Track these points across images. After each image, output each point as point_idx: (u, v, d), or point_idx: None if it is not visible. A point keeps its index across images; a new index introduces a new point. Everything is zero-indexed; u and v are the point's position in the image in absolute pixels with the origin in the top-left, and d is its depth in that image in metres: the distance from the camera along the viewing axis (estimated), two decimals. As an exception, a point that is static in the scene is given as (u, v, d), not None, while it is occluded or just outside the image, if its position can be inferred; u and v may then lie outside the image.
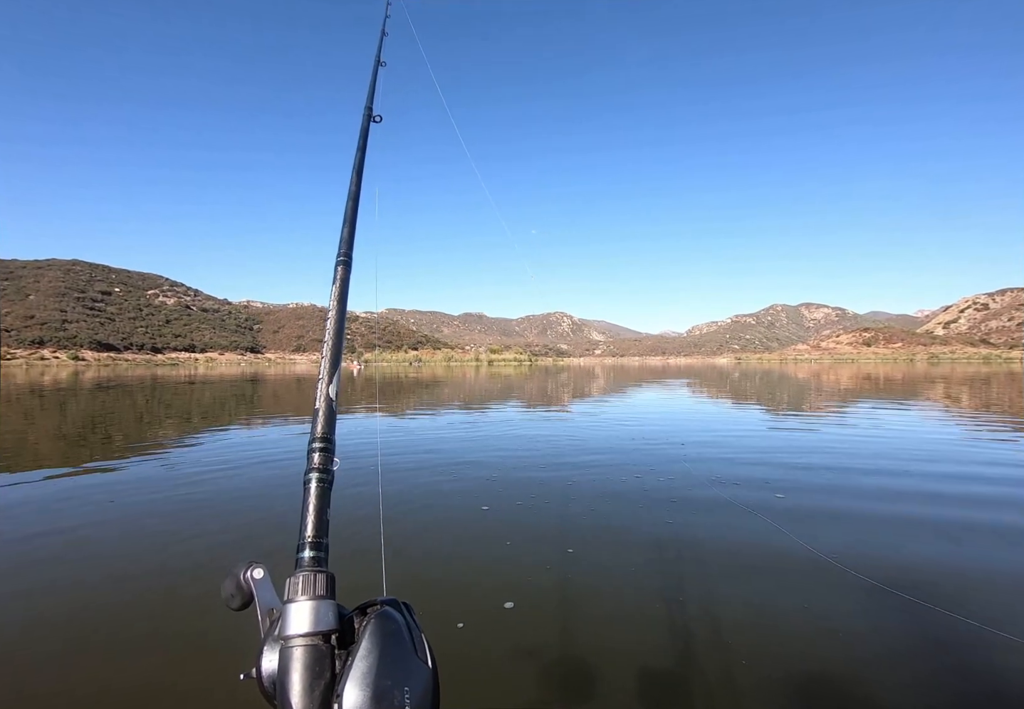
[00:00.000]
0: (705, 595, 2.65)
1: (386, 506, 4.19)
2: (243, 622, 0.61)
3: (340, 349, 0.75)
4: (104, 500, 4.43)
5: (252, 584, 0.58)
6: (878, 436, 7.85)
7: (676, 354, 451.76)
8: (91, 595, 2.69)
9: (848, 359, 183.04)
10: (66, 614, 2.50)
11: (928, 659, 2.13)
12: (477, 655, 2.15)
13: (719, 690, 1.94)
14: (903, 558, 3.12)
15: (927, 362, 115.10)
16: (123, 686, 1.97)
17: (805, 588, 2.74)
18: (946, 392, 18.33)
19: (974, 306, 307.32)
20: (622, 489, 4.70)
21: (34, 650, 2.20)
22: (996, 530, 3.62)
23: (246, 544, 3.40)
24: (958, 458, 6.14)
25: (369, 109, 1.18)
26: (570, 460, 6.08)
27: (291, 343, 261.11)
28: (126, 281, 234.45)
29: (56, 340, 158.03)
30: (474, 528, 3.71)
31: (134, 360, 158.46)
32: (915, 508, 4.11)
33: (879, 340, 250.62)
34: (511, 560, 3.14)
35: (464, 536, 3.56)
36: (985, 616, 2.41)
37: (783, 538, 3.42)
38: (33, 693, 1.95)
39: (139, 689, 1.95)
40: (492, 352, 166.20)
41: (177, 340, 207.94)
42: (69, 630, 2.35)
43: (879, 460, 5.97)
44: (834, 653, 2.16)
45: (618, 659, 2.12)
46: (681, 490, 4.63)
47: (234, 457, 6.27)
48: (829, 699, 1.93)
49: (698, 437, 7.77)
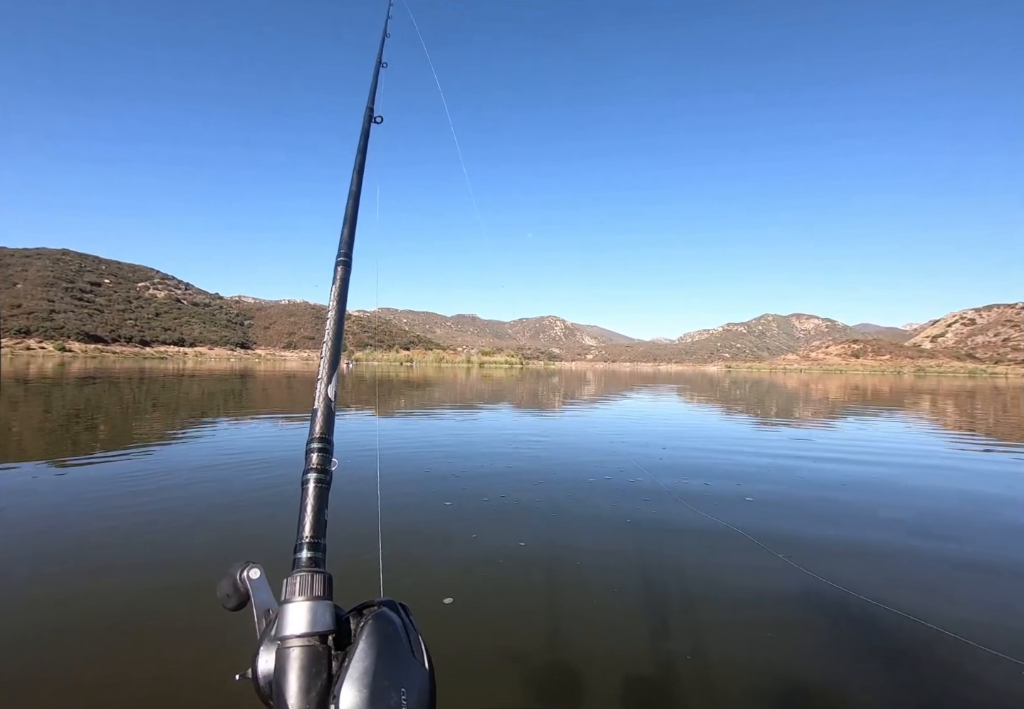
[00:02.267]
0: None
1: (383, 506, 4.16)
2: (239, 623, 0.62)
3: (339, 349, 0.75)
4: (94, 496, 4.38)
5: (248, 584, 0.57)
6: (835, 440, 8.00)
7: (667, 361, 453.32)
8: (85, 596, 2.65)
9: (837, 370, 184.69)
10: (61, 614, 2.46)
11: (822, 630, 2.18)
12: (473, 655, 2.16)
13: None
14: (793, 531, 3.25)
15: (914, 375, 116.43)
16: (119, 687, 1.94)
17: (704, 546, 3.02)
18: (927, 404, 18.57)
19: (961, 321, 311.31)
20: (622, 487, 4.74)
21: (29, 650, 2.17)
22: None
23: (243, 544, 3.37)
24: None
25: (370, 110, 1.18)
26: (566, 461, 6.12)
27: (282, 340, 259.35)
28: (116, 272, 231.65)
29: (43, 330, 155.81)
30: (474, 528, 3.70)
31: (122, 352, 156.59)
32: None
33: (868, 352, 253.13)
34: (512, 559, 3.15)
35: (464, 536, 3.55)
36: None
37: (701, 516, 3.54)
38: (31, 695, 1.92)
39: (135, 690, 1.93)
40: (483, 354, 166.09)
41: (166, 334, 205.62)
42: (65, 630, 2.31)
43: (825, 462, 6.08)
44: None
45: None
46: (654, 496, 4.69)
47: (231, 455, 6.20)
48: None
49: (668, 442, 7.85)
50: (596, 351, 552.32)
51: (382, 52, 1.36)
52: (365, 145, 1.10)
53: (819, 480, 5.56)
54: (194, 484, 4.84)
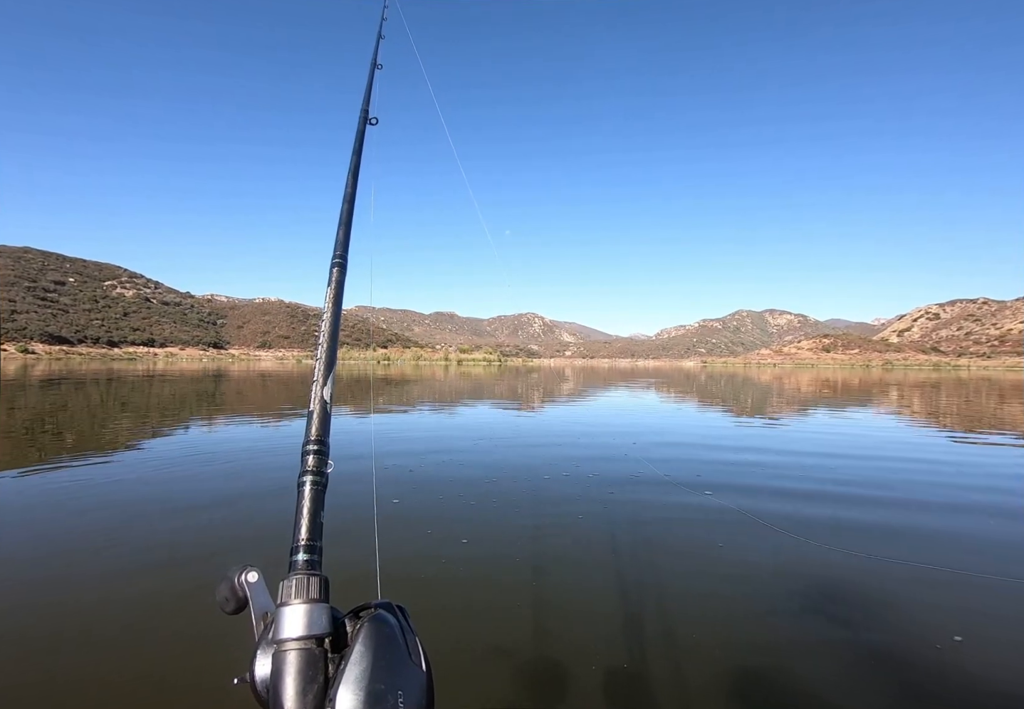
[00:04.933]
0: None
1: (379, 507, 4.13)
2: (238, 626, 0.62)
3: (335, 351, 0.74)
4: (85, 500, 4.29)
5: (246, 588, 0.57)
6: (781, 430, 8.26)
7: (645, 356, 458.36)
8: (80, 598, 2.61)
9: (808, 364, 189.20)
10: (56, 615, 2.44)
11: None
12: (469, 654, 2.18)
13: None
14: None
15: (882, 368, 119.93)
16: (115, 690, 1.93)
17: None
18: (890, 397, 19.21)
19: (926, 316, 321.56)
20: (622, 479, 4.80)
21: (25, 655, 2.14)
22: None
23: (241, 547, 3.34)
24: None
25: (365, 111, 1.17)
26: (565, 458, 6.17)
27: (256, 339, 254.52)
28: (81, 271, 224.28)
29: (4, 332, 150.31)
30: (472, 528, 3.71)
31: (88, 354, 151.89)
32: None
33: (838, 346, 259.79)
34: (509, 557, 3.19)
35: (463, 535, 3.56)
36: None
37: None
38: (30, 698, 1.89)
39: (131, 693, 1.91)
40: (462, 352, 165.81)
41: (135, 334, 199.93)
42: (62, 631, 2.29)
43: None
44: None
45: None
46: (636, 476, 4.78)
47: (223, 457, 6.10)
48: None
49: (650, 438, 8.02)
50: (575, 348, 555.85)
51: (377, 54, 1.36)
52: (360, 146, 1.08)
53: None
54: (188, 488, 4.75)
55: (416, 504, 4.29)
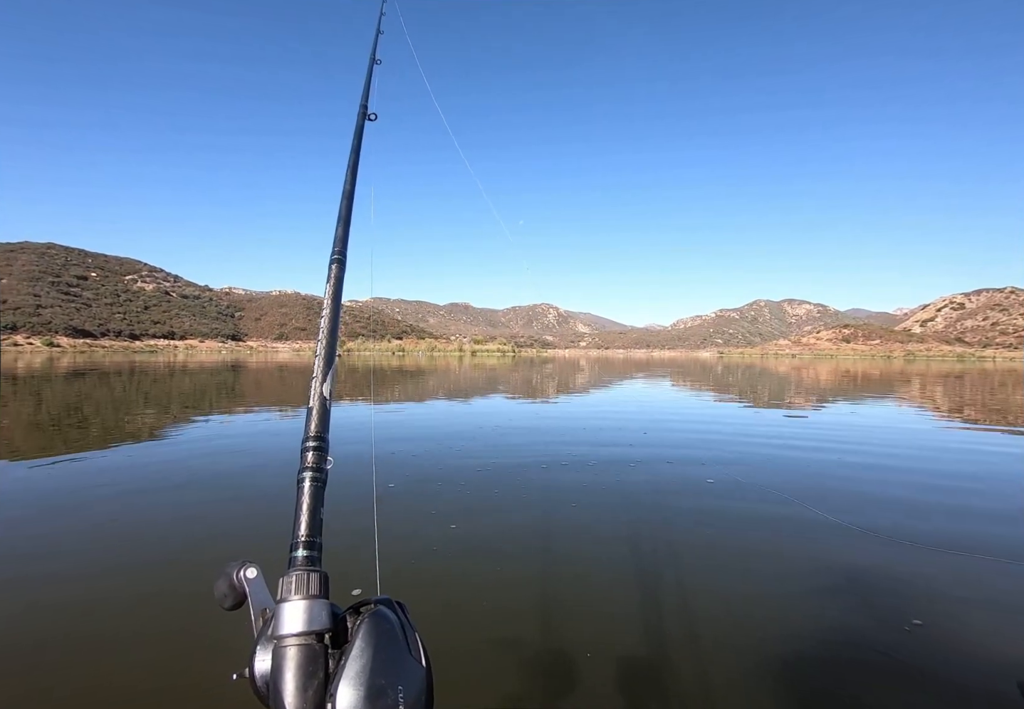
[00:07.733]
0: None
1: (379, 504, 4.12)
2: (236, 622, 0.62)
3: (335, 347, 0.74)
4: (87, 494, 4.36)
5: (245, 583, 0.57)
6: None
7: (660, 347, 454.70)
8: (78, 594, 2.63)
9: (828, 355, 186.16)
10: (55, 612, 2.46)
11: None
12: (468, 652, 2.17)
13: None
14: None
15: (903, 359, 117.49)
16: (114, 686, 1.94)
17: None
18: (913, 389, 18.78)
19: (951, 305, 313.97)
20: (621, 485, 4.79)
21: (22, 649, 2.16)
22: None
23: (239, 543, 3.35)
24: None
25: (364, 107, 1.15)
26: (567, 453, 6.17)
27: (273, 331, 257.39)
28: (103, 266, 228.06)
29: (30, 326, 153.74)
30: (471, 527, 3.69)
31: (111, 347, 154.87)
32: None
33: (858, 337, 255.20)
34: (508, 557, 3.20)
35: (462, 532, 3.54)
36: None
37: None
38: (28, 699, 1.91)
39: (130, 689, 1.92)
40: (476, 343, 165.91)
41: (156, 327, 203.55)
42: (59, 629, 2.31)
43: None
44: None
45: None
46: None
47: (224, 452, 6.13)
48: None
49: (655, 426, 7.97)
50: (589, 338, 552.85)
51: (376, 49, 1.34)
52: (359, 143, 1.07)
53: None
54: (188, 482, 4.80)
55: (414, 494, 4.31)
